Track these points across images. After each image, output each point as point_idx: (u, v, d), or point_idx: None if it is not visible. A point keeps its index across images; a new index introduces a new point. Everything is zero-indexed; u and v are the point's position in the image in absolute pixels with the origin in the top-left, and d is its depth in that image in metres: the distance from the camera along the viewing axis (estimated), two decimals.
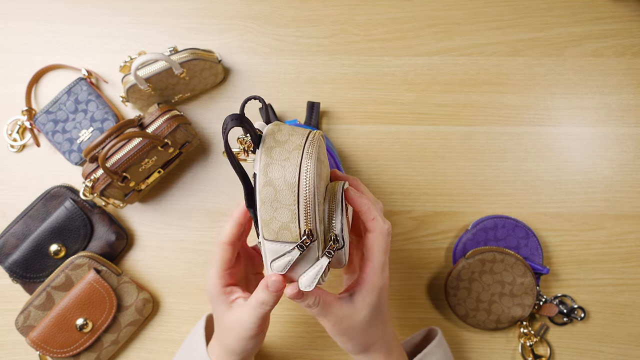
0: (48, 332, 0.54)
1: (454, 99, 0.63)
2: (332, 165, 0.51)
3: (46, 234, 0.57)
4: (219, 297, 0.43)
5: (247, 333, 0.42)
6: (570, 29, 0.64)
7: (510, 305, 0.56)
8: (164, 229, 0.61)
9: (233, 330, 0.43)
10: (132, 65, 0.54)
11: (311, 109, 0.56)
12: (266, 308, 0.40)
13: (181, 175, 0.62)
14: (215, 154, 0.63)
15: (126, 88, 0.57)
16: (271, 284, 0.38)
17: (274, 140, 0.33)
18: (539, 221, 0.60)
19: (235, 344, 0.43)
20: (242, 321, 0.42)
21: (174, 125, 0.55)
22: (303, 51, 0.64)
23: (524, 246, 0.58)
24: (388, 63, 0.63)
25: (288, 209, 0.32)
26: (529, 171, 0.61)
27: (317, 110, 0.56)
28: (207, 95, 0.64)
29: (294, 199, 0.32)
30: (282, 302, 0.60)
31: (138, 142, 0.54)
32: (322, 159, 0.36)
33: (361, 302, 0.41)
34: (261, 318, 0.41)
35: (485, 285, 0.56)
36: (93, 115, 0.60)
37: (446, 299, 0.58)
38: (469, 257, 0.56)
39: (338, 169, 0.49)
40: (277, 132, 0.34)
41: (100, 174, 0.54)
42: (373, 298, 0.41)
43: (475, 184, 0.61)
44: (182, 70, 0.56)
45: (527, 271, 0.55)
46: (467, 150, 0.62)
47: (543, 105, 0.62)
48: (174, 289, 0.60)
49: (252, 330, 0.42)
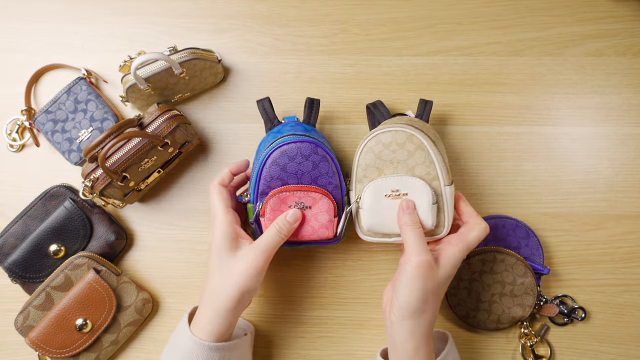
0: (47, 332, 0.54)
1: (454, 99, 0.63)
2: (330, 166, 0.50)
3: (45, 233, 0.57)
4: (226, 234, 0.47)
5: (259, 265, 0.46)
6: (570, 29, 0.64)
7: (511, 305, 0.56)
8: (163, 229, 0.62)
9: (242, 269, 0.46)
10: (131, 64, 0.53)
11: (311, 106, 0.55)
12: (281, 237, 0.48)
13: (181, 175, 0.62)
14: (216, 153, 0.63)
15: (126, 88, 0.57)
16: (291, 213, 0.48)
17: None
18: (540, 221, 0.60)
19: (241, 287, 0.45)
20: (255, 253, 0.46)
21: (173, 125, 0.55)
22: (303, 51, 0.64)
23: (525, 246, 0.58)
24: (388, 63, 0.64)
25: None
26: (529, 171, 0.61)
27: (317, 108, 0.56)
28: (207, 95, 0.64)
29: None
30: (282, 302, 0.60)
31: (138, 142, 0.54)
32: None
33: (443, 267, 0.47)
34: (273, 246, 0.47)
35: (486, 286, 0.56)
36: (92, 115, 0.60)
37: (446, 299, 0.58)
38: (469, 257, 0.57)
39: (337, 170, 0.50)
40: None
41: (100, 174, 0.54)
42: (451, 270, 0.47)
43: (475, 184, 0.61)
44: (182, 69, 0.56)
45: (527, 271, 0.56)
46: (466, 150, 0.62)
47: (543, 104, 0.63)
48: (174, 289, 0.60)
49: (264, 261, 0.46)
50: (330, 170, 0.49)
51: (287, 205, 0.49)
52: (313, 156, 0.48)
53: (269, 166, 0.48)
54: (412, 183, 0.49)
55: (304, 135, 0.49)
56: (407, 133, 0.49)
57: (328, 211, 0.50)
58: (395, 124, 0.50)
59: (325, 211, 0.50)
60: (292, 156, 0.48)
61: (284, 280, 0.61)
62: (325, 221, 0.50)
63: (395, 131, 0.49)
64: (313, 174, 0.49)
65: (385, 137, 0.49)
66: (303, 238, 0.51)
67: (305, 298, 0.60)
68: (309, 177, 0.49)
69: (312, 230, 0.51)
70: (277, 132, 0.51)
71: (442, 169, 0.49)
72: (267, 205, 0.49)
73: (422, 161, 0.49)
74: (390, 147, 0.49)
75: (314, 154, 0.48)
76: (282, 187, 0.49)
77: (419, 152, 0.49)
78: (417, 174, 0.50)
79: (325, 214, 0.50)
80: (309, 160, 0.48)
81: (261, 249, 0.47)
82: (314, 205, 0.50)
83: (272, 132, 0.52)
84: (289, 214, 0.49)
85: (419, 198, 0.49)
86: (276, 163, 0.48)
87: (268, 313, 0.60)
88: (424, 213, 0.49)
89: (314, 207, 0.50)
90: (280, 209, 0.49)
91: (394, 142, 0.49)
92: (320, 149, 0.48)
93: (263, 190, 0.49)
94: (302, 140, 0.48)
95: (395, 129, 0.49)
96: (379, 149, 0.50)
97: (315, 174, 0.49)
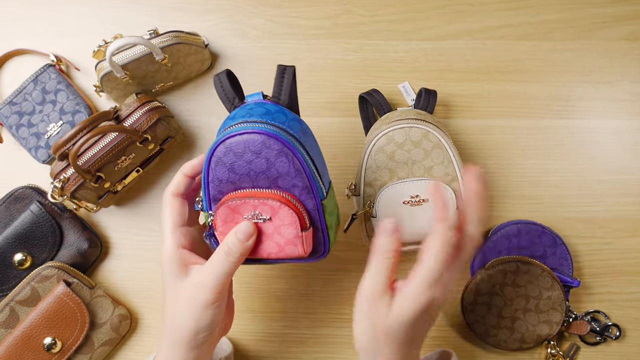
0: (12, 352, 0.53)
1: (470, 89, 0.63)
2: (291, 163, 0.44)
3: (9, 241, 0.56)
4: (173, 260, 0.43)
5: (206, 297, 0.41)
6: (602, 10, 0.64)
7: (536, 322, 0.56)
8: (143, 236, 0.61)
9: (188, 301, 0.42)
10: (107, 50, 0.53)
11: (280, 77, 0.45)
12: (231, 260, 0.42)
13: (163, 175, 0.62)
14: (202, 150, 0.62)
15: (100, 76, 0.56)
16: (241, 229, 0.42)
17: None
18: (568, 227, 0.60)
19: (190, 322, 0.42)
20: (199, 283, 0.42)
21: (154, 118, 0.55)
22: (300, 34, 0.64)
23: (551, 255, 0.58)
24: (395, 48, 0.64)
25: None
26: (556, 170, 0.61)
27: (290, 79, 0.45)
28: (192, 85, 0.64)
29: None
30: (277, 318, 0.60)
31: (114, 138, 0.54)
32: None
33: (397, 307, 0.40)
34: (224, 275, 0.42)
35: (508, 300, 0.56)
36: (63, 107, 0.60)
37: (463, 316, 0.57)
38: (488, 268, 0.56)
39: (302, 166, 0.44)
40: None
41: (71, 174, 0.54)
42: (408, 313, 0.40)
43: (495, 185, 0.61)
44: (164, 55, 0.56)
45: (554, 284, 0.55)
46: (485, 147, 0.62)
47: (571, 95, 0.62)
48: (155, 304, 0.60)
49: (212, 292, 0.41)
50: (291, 168, 0.42)
51: (242, 215, 0.44)
52: (265, 151, 0.41)
53: (214, 166, 0.42)
54: None
55: (258, 122, 0.41)
56: (422, 130, 0.48)
57: (292, 224, 0.43)
58: (407, 120, 0.49)
59: (288, 224, 0.43)
60: (239, 153, 0.41)
61: (279, 294, 0.60)
62: (292, 236, 0.43)
63: (410, 128, 0.49)
64: (270, 174, 0.42)
65: (398, 134, 0.49)
66: (269, 257, 0.45)
67: (303, 314, 0.60)
68: (265, 178, 0.42)
69: (277, 248, 0.44)
70: (230, 118, 0.44)
71: (460, 168, 0.48)
72: (217, 217, 0.44)
73: (441, 161, 0.49)
74: (405, 147, 0.49)
75: (265, 149, 0.41)
76: (232, 194, 0.43)
77: (436, 151, 0.48)
78: (436, 175, 0.48)
79: (290, 227, 0.43)
80: (260, 157, 0.41)
81: (208, 278, 0.42)
82: (274, 215, 0.43)
83: (227, 118, 0.45)
84: (239, 230, 0.43)
85: None
86: (221, 162, 0.42)
87: (262, 331, 0.60)
88: None
89: (275, 219, 0.43)
90: (234, 221, 0.44)
91: (408, 140, 0.49)
92: (274, 141, 0.40)
93: (214, 196, 0.44)
94: (250, 130, 0.40)
95: (409, 125, 0.48)
96: (392, 149, 0.49)
97: (273, 174, 0.42)
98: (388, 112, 0.56)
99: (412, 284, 0.41)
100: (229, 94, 0.46)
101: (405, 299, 0.40)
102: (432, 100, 0.56)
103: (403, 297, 0.41)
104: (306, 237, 0.43)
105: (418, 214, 0.51)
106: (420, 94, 0.57)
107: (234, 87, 0.46)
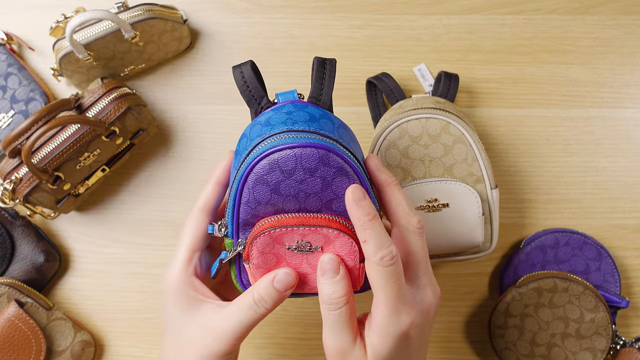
0: None
1: (501, 72, 0.63)
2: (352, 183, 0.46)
3: None
4: (181, 289, 0.43)
5: (220, 348, 0.41)
6: None
7: (577, 349, 0.56)
8: (109, 248, 0.61)
9: (196, 348, 0.41)
10: (66, 26, 0.52)
11: (321, 71, 0.45)
12: (260, 311, 0.41)
13: (133, 175, 0.62)
14: (180, 146, 0.62)
15: (59, 57, 0.56)
16: (281, 279, 0.41)
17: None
18: (616, 237, 0.60)
19: None
20: (215, 327, 0.41)
21: (123, 108, 0.55)
22: (298, 7, 0.64)
23: (595, 270, 0.58)
24: (412, 24, 0.63)
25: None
26: (602, 169, 0.61)
27: (331, 74, 0.45)
28: (168, 67, 0.64)
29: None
30: (274, 345, 0.59)
31: (75, 131, 0.54)
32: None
33: (370, 351, 0.39)
34: (248, 325, 0.41)
35: (543, 323, 0.56)
36: (14, 94, 0.60)
37: (490, 341, 0.58)
38: (521, 286, 0.56)
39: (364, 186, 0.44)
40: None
41: (24, 174, 0.54)
42: (382, 351, 0.39)
43: (529, 187, 0.61)
44: (135, 33, 0.56)
45: (599, 304, 0.55)
46: (518, 141, 0.62)
47: (621, 80, 0.62)
48: (123, 328, 0.60)
49: (229, 342, 0.41)
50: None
51: (284, 245, 0.42)
52: (322, 169, 0.40)
53: (252, 186, 0.41)
54: (454, 189, 0.48)
55: (307, 132, 0.41)
56: (442, 121, 0.48)
57: (350, 254, 0.42)
58: (423, 109, 0.48)
59: (345, 255, 0.42)
60: (288, 170, 0.40)
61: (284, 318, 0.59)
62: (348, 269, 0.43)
63: (427, 119, 0.49)
64: (323, 196, 0.41)
65: (412, 126, 0.49)
66: (312, 291, 0.45)
67: (304, 340, 0.60)
68: (318, 200, 0.41)
69: None
70: (264, 124, 0.43)
71: (487, 167, 0.48)
72: (252, 248, 0.42)
73: (464, 158, 0.49)
74: (421, 141, 0.49)
75: (323, 166, 0.40)
76: (276, 220, 0.42)
77: (458, 147, 0.48)
78: (457, 175, 0.49)
79: (346, 258, 0.42)
80: (315, 177, 0.40)
81: (226, 325, 0.41)
82: (327, 245, 0.42)
83: (258, 123, 0.44)
84: (277, 279, 0.41)
85: (464, 208, 0.49)
86: (263, 181, 0.40)
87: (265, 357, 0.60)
88: (472, 228, 0.48)
89: (328, 249, 0.42)
90: (273, 252, 0.42)
91: (425, 133, 0.49)
92: (335, 156, 0.40)
93: (246, 220, 0.42)
94: (305, 143, 0.39)
95: (426, 116, 0.48)
96: (405, 144, 0.49)
97: (328, 196, 0.41)
98: (401, 99, 0.56)
99: (376, 318, 0.40)
100: (256, 91, 0.45)
101: (376, 336, 0.40)
102: (453, 86, 0.56)
103: (374, 334, 0.40)
104: (362, 269, 0.42)
105: (436, 221, 0.50)
106: (440, 78, 0.57)
107: (257, 81, 0.45)
